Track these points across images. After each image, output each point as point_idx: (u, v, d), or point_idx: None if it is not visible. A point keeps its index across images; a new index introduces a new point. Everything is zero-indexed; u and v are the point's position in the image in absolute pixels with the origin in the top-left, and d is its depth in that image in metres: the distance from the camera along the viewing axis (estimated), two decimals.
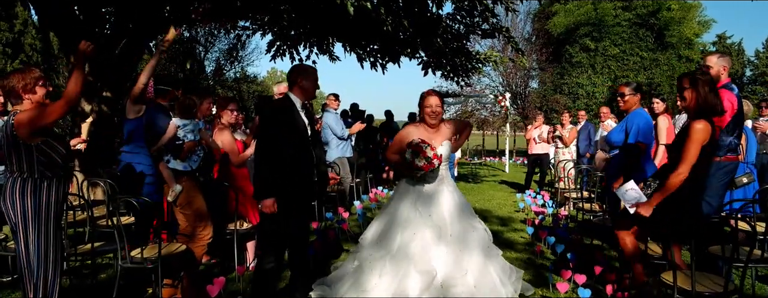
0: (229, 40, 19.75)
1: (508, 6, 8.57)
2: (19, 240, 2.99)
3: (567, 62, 22.80)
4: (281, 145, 3.34)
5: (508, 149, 17.08)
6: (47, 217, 3.01)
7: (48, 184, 3.01)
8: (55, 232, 3.08)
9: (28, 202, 2.95)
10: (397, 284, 3.33)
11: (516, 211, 8.09)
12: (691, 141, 3.06)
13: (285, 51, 10.59)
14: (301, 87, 3.49)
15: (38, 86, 3.03)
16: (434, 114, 3.64)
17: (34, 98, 3.01)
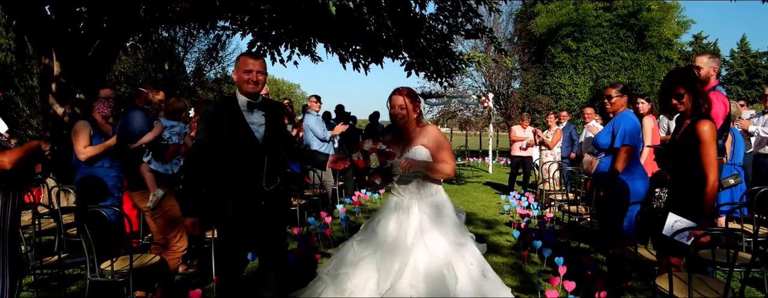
0: (208, 41, 19.46)
1: (492, 6, 8.52)
2: None
3: (549, 62, 22.92)
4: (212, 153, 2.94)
5: (492, 150, 17.06)
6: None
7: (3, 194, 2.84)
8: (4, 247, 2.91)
9: None
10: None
11: (501, 213, 8.02)
12: (707, 144, 2.90)
13: (266, 51, 10.41)
14: (237, 82, 3.02)
15: None
16: (399, 116, 3.15)
17: None
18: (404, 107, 3.14)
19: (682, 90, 3.05)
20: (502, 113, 22.68)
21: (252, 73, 2.94)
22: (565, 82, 22.35)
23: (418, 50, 8.70)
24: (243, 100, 2.99)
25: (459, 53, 10.64)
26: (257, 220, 3.01)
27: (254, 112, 3.01)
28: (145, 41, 11.11)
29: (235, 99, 3.01)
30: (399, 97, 3.14)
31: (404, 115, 3.15)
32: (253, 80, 2.94)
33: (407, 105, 3.14)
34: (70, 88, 6.93)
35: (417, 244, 2.99)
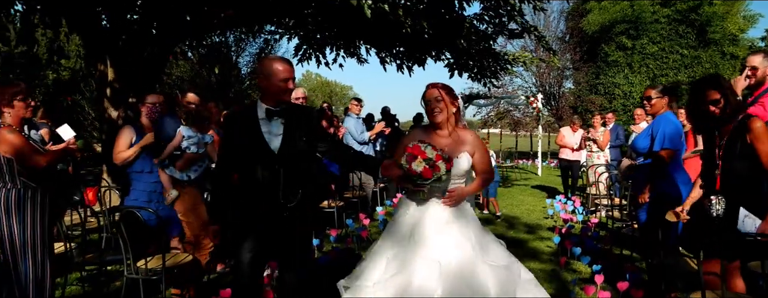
0: (259, 44, 20.00)
1: (536, 5, 8.32)
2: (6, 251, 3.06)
3: (602, 61, 22.10)
4: (230, 162, 2.86)
5: (541, 152, 16.65)
6: (33, 225, 3.07)
7: (31, 193, 3.06)
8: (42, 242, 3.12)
9: (12, 210, 3.02)
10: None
11: (545, 217, 7.81)
12: (762, 140, 2.74)
13: (311, 54, 10.59)
14: (263, 88, 2.80)
15: (16, 101, 3.07)
16: (436, 109, 2.83)
17: (12, 112, 3.08)
18: (440, 99, 2.83)
19: (717, 95, 2.86)
20: (553, 114, 22.10)
21: (289, 82, 2.74)
22: (619, 81, 21.51)
23: (460, 51, 8.61)
24: (262, 108, 2.78)
25: (504, 53, 10.47)
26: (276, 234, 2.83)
27: (273, 121, 2.79)
28: (196, 47, 11.53)
29: (255, 107, 2.82)
30: (434, 89, 2.86)
31: (442, 108, 2.83)
32: (289, 89, 2.77)
33: (444, 97, 2.83)
34: (123, 92, 7.27)
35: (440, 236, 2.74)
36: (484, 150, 2.98)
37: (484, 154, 2.97)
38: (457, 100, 2.93)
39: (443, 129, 2.89)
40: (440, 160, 2.65)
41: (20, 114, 3.14)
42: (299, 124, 2.85)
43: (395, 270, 2.70)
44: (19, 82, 3.16)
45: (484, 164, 2.97)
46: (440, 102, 2.82)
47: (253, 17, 8.08)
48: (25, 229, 3.11)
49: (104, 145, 7.64)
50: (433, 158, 2.64)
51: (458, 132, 2.91)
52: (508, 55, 10.40)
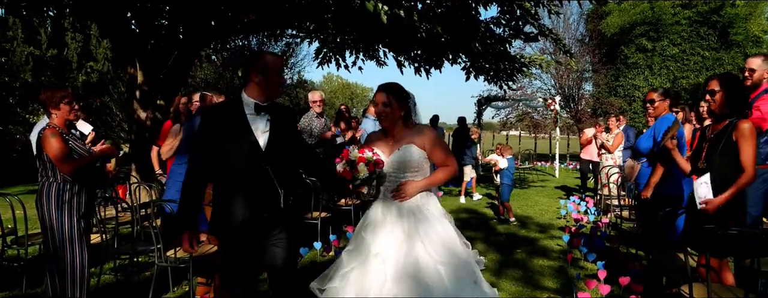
0: (280, 47, 20.41)
1: (551, 9, 8.47)
2: (48, 239, 3.37)
3: (622, 63, 21.98)
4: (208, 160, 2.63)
5: (559, 154, 16.68)
6: (71, 217, 3.37)
7: (70, 187, 3.36)
8: (79, 232, 3.42)
9: (52, 205, 3.31)
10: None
11: (558, 217, 7.94)
12: (746, 140, 2.92)
13: (331, 57, 10.88)
14: (256, 83, 2.66)
15: (63, 104, 3.38)
16: (382, 114, 2.89)
17: (58, 114, 3.39)
18: (388, 104, 2.86)
19: (715, 85, 3.03)
20: (572, 116, 22.05)
21: (280, 76, 2.72)
22: (639, 83, 21.37)
23: (476, 54, 8.79)
24: (250, 103, 2.66)
25: (520, 56, 10.61)
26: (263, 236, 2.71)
27: (260, 117, 2.67)
28: (220, 50, 11.91)
29: (240, 101, 2.68)
30: (381, 93, 2.89)
31: (387, 113, 2.87)
32: (282, 83, 2.77)
33: (391, 102, 2.86)
34: (151, 94, 7.63)
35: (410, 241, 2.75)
36: (436, 141, 2.92)
37: (435, 144, 2.91)
38: (407, 102, 2.94)
39: (392, 130, 2.94)
40: (362, 163, 2.72)
41: (65, 116, 3.45)
42: (283, 122, 2.78)
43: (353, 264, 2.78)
44: (66, 88, 3.48)
45: (439, 158, 2.94)
46: (387, 107, 2.87)
47: (274, 22, 8.38)
48: (64, 220, 3.42)
49: (133, 145, 8.03)
50: (354, 160, 2.74)
51: (404, 131, 2.93)
52: (525, 58, 10.54)
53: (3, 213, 4.67)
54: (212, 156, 2.61)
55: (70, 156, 3.40)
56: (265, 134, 2.67)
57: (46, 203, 3.39)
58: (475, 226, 7.35)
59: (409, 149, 2.86)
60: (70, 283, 3.42)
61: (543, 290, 4.39)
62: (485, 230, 7.02)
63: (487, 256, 5.54)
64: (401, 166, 2.88)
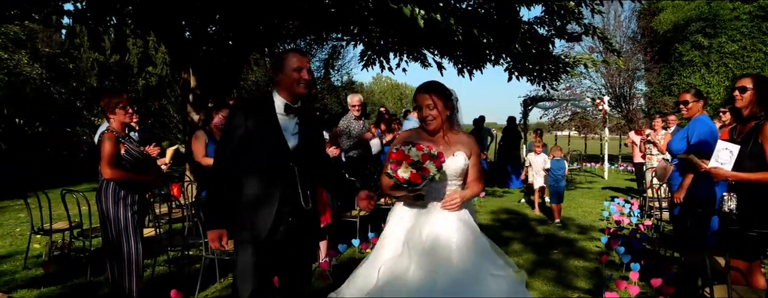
0: (326, 50, 20.89)
1: (594, 8, 8.37)
2: (107, 232, 3.72)
3: (676, 61, 21.17)
4: (238, 159, 2.58)
5: (608, 154, 16.29)
6: (126, 212, 3.71)
7: (117, 184, 3.70)
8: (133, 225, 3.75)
9: (110, 200, 3.65)
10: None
11: (600, 219, 7.86)
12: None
13: (375, 59, 11.10)
14: (278, 82, 2.63)
15: (118, 109, 3.72)
16: (429, 117, 2.65)
17: (115, 118, 3.73)
18: (433, 107, 2.63)
19: (748, 83, 3.02)
20: (623, 116, 21.44)
21: (302, 71, 2.59)
22: (695, 81, 20.52)
23: (516, 55, 8.80)
24: (281, 103, 2.63)
25: (565, 56, 10.49)
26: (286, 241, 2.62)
27: (290, 118, 2.66)
28: (269, 55, 12.35)
29: (272, 100, 2.65)
30: (423, 95, 2.65)
31: (435, 116, 2.63)
32: (303, 80, 2.59)
33: (436, 103, 2.63)
34: (203, 98, 8.08)
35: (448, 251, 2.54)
36: (479, 157, 2.78)
37: (479, 161, 2.76)
38: (452, 102, 2.72)
39: (435, 134, 2.72)
40: (428, 160, 2.43)
41: (121, 120, 3.79)
42: (310, 125, 2.77)
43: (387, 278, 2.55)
44: (121, 94, 3.81)
45: (475, 172, 2.74)
46: (433, 109, 2.64)
47: (318, 26, 8.68)
48: (120, 214, 3.74)
49: (188, 145, 8.49)
50: (418, 160, 2.43)
51: (451, 135, 2.73)
52: (569, 58, 10.42)
53: (70, 209, 5.11)
54: (239, 154, 2.57)
55: (116, 162, 3.69)
56: (295, 136, 2.64)
57: (104, 199, 3.73)
58: (515, 226, 7.38)
59: (461, 156, 2.67)
60: (126, 272, 3.76)
61: (574, 290, 4.43)
62: (525, 231, 7.05)
63: (523, 256, 5.61)
64: (451, 173, 2.65)
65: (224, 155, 2.60)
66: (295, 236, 2.64)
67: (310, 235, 2.81)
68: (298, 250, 2.71)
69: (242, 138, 2.57)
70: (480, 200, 9.61)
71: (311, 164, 2.72)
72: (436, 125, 2.67)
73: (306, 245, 2.79)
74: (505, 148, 12.91)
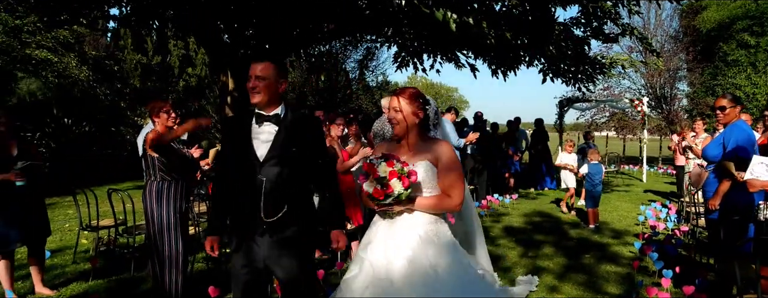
0: (361, 51, 21.11)
1: (631, 9, 8.23)
2: (150, 230, 3.92)
3: (721, 61, 20.42)
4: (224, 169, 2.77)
5: (647, 157, 15.91)
6: (168, 211, 3.90)
7: (168, 185, 3.90)
8: (175, 224, 3.94)
9: (153, 198, 3.86)
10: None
11: (636, 224, 7.73)
12: None
13: (408, 61, 11.17)
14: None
15: (162, 113, 3.93)
16: (393, 121, 2.59)
17: (159, 121, 3.94)
18: (399, 110, 2.56)
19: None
20: (664, 117, 20.87)
21: (250, 80, 2.62)
22: (741, 82, 19.76)
23: (550, 57, 8.71)
24: (255, 112, 2.68)
25: (602, 56, 10.32)
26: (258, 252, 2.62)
27: (263, 126, 2.65)
28: (304, 56, 12.59)
29: (252, 112, 2.70)
30: (392, 98, 2.59)
31: (399, 120, 2.56)
32: (250, 88, 2.62)
33: (402, 108, 2.55)
34: (241, 100, 8.31)
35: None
36: (451, 164, 2.56)
37: (450, 167, 2.55)
38: (425, 109, 2.62)
39: (403, 141, 2.63)
40: (395, 178, 2.33)
41: (164, 123, 4.00)
42: (295, 134, 2.67)
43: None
44: (167, 100, 4.04)
45: (446, 178, 2.55)
46: (398, 113, 2.56)
47: (352, 29, 8.82)
48: (163, 213, 3.95)
49: None
50: (385, 177, 2.34)
51: (421, 143, 2.61)
52: (606, 59, 10.24)
53: (115, 206, 5.37)
54: (225, 165, 2.77)
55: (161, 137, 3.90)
56: (266, 145, 2.62)
57: (148, 198, 3.95)
58: (547, 229, 7.34)
59: (423, 166, 2.52)
60: (168, 268, 3.95)
61: (604, 295, 4.41)
62: (557, 234, 7.01)
63: (554, 260, 5.59)
64: (422, 183, 2.54)
65: (218, 168, 2.76)
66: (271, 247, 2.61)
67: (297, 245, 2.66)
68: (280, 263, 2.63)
69: (226, 148, 2.77)
70: (513, 202, 9.57)
71: (292, 173, 2.64)
72: (399, 130, 2.59)
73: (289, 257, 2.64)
74: (535, 149, 12.83)
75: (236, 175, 2.66)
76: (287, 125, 2.66)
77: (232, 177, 2.68)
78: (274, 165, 2.59)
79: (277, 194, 2.58)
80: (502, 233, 7.04)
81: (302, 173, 2.70)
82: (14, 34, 12.94)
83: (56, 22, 8.29)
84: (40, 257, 4.43)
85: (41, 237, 4.38)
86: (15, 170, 3.97)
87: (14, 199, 4.02)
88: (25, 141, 4.32)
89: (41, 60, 13.39)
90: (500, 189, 10.80)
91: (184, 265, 4.07)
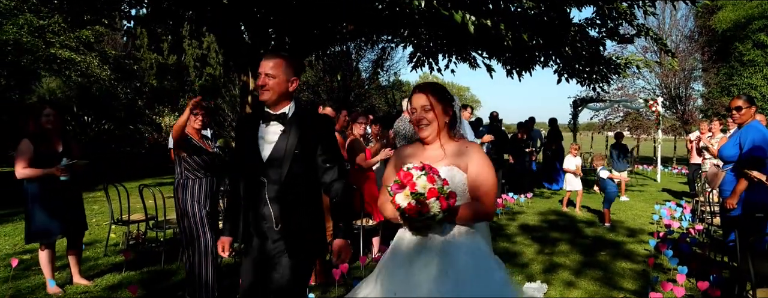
0: (376, 51, 21.27)
1: (647, 10, 8.31)
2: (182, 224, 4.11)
3: (737, 61, 20.32)
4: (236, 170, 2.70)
5: (661, 157, 15.91)
6: (200, 209, 4.08)
7: (192, 182, 4.08)
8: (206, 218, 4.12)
9: (187, 197, 4.06)
10: None
11: (650, 223, 7.82)
12: None
13: (424, 61, 11.32)
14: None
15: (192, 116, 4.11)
16: (422, 121, 2.25)
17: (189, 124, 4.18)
18: (429, 108, 2.24)
19: None
20: (678, 117, 20.80)
21: (260, 77, 2.49)
22: (757, 82, 19.65)
23: (566, 58, 8.82)
24: (265, 111, 2.57)
25: (616, 57, 10.40)
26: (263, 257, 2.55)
27: (270, 125, 2.54)
28: (322, 56, 12.77)
29: (263, 110, 2.59)
30: (419, 94, 2.26)
31: (430, 120, 2.24)
32: (260, 85, 2.50)
33: (433, 105, 2.24)
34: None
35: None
36: (483, 169, 2.20)
37: (481, 173, 2.20)
38: (452, 106, 2.31)
39: (433, 143, 2.30)
40: (433, 197, 1.98)
41: (193, 125, 4.18)
42: (301, 133, 2.53)
43: None
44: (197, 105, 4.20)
45: (479, 186, 2.19)
46: (429, 112, 2.24)
47: (371, 30, 8.98)
48: (195, 208, 4.13)
49: None
50: (424, 194, 1.98)
51: (451, 145, 2.28)
52: (620, 59, 10.32)
53: (144, 202, 5.59)
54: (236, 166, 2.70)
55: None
56: (271, 145, 2.52)
57: (180, 194, 4.13)
58: (562, 227, 7.46)
59: (450, 173, 2.18)
60: (202, 261, 4.13)
61: (620, 291, 4.53)
62: (572, 232, 7.12)
63: (570, 256, 5.72)
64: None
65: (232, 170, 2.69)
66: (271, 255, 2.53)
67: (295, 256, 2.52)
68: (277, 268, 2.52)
69: (236, 148, 2.68)
70: (528, 200, 9.68)
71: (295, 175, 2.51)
72: (430, 132, 2.26)
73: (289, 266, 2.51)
74: (549, 149, 12.93)
75: (243, 176, 2.62)
76: (294, 124, 2.53)
77: (240, 178, 2.66)
78: (277, 166, 2.49)
79: (280, 196, 2.49)
80: (519, 230, 7.17)
81: (308, 175, 2.56)
82: (39, 34, 13.28)
83: (80, 22, 8.54)
84: (78, 249, 4.65)
85: (79, 230, 4.59)
86: (60, 166, 4.18)
87: (57, 193, 4.24)
88: (69, 139, 4.52)
89: (65, 59, 13.71)
90: (516, 188, 10.88)
91: (214, 258, 4.25)
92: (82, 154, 4.50)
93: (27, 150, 4.17)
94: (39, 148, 4.22)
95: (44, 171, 4.17)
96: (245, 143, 2.57)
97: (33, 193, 4.22)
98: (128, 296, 4.22)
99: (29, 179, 4.17)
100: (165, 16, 8.22)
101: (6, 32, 12.21)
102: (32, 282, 4.65)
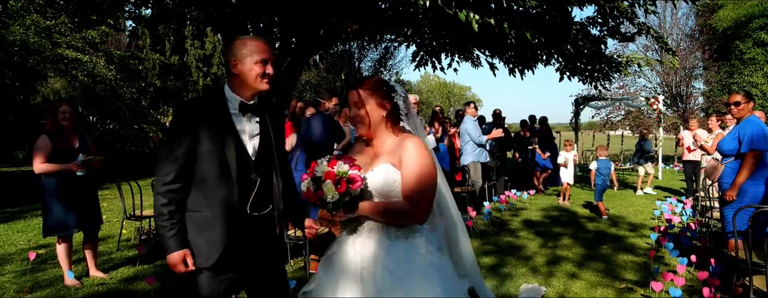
0: (379, 51, 21.43)
1: (647, 9, 8.42)
2: None
3: (737, 59, 20.44)
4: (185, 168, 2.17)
5: (662, 155, 16.02)
6: None
7: None
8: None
9: None
10: None
11: (651, 218, 7.93)
12: None
13: (427, 60, 11.44)
14: (236, 74, 2.19)
15: None
16: (356, 118, 2.13)
17: None
18: (361, 105, 2.10)
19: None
20: (679, 115, 20.91)
21: (268, 65, 2.19)
22: (757, 80, 19.77)
23: (567, 56, 8.93)
24: (235, 101, 2.21)
25: (618, 55, 10.51)
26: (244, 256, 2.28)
27: (247, 118, 2.24)
28: (325, 56, 12.90)
29: (224, 99, 2.22)
30: (352, 92, 2.12)
31: (362, 117, 2.11)
32: (269, 75, 2.19)
33: (364, 101, 2.09)
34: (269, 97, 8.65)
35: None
36: (415, 166, 2.00)
37: (412, 170, 2.00)
38: (391, 98, 2.14)
39: (375, 140, 2.16)
40: (329, 179, 1.93)
41: None
42: (274, 123, 2.36)
43: None
44: None
45: (410, 182, 2.00)
46: (361, 108, 2.10)
47: (375, 29, 9.10)
48: None
49: None
50: (320, 177, 1.96)
51: (391, 141, 2.12)
52: (622, 58, 10.43)
53: None
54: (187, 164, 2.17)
55: None
56: (255, 139, 2.27)
57: None
58: (564, 222, 7.57)
59: (380, 170, 2.05)
60: None
61: (622, 282, 4.65)
62: (574, 227, 7.24)
63: (573, 250, 5.83)
64: (373, 190, 2.05)
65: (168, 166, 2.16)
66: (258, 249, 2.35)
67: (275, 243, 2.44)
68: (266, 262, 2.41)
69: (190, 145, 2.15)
70: (530, 197, 9.79)
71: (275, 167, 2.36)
72: (364, 130, 2.13)
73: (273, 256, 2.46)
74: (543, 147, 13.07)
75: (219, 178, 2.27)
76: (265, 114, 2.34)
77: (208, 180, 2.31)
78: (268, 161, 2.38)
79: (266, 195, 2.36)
80: (522, 225, 7.29)
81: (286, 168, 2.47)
82: (46, 35, 13.42)
83: (87, 23, 8.67)
84: (94, 243, 4.78)
85: (95, 224, 4.72)
86: (77, 162, 4.31)
87: (73, 188, 4.37)
88: (84, 136, 4.65)
89: (72, 59, 13.85)
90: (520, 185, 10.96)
91: None
92: (97, 151, 4.63)
93: (45, 146, 4.29)
94: (56, 144, 4.34)
95: (62, 166, 4.29)
96: (212, 138, 2.15)
97: (50, 187, 4.34)
98: (144, 287, 4.35)
99: (47, 173, 4.29)
100: (170, 17, 8.36)
101: (13, 33, 12.35)
102: (49, 275, 4.78)
